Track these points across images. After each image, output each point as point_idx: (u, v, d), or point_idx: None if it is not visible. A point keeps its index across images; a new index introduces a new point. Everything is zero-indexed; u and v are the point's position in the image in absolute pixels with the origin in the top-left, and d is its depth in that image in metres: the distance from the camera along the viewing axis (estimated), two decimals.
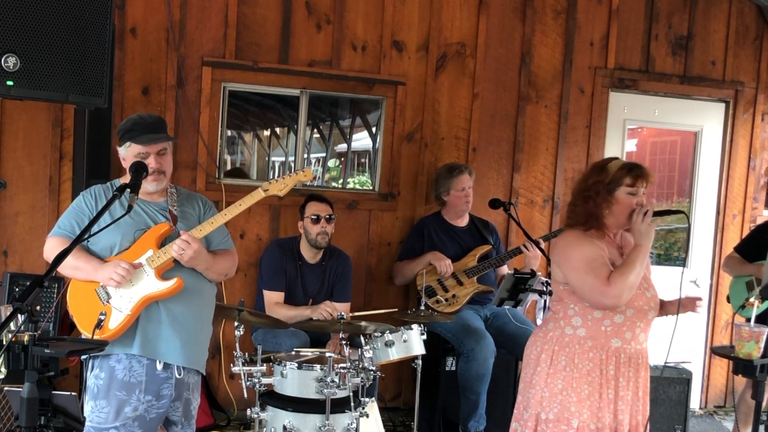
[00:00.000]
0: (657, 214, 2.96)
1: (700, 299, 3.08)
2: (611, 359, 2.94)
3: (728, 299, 4.72)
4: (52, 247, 3.00)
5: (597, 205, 2.96)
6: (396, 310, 4.33)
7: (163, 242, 3.00)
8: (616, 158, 3.10)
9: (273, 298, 4.40)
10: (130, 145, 3.01)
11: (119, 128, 3.07)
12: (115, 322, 2.93)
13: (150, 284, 2.96)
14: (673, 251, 6.13)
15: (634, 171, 2.95)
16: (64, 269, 2.95)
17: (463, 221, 4.94)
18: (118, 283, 2.89)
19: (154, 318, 2.97)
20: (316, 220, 4.42)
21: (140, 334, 2.95)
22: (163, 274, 2.98)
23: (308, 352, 3.90)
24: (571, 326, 2.99)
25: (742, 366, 2.94)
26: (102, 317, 2.88)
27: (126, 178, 3.00)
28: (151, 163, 2.99)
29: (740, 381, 4.67)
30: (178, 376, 3.00)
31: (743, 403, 4.65)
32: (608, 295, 2.85)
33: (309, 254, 4.50)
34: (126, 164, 3.03)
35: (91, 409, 2.94)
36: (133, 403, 2.91)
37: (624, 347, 2.96)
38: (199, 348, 3.12)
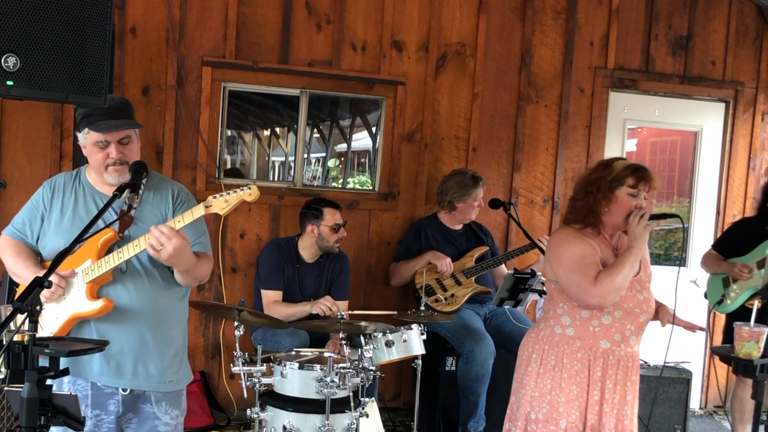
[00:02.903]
0: (653, 217, 2.93)
1: (702, 328, 3.08)
2: (599, 360, 2.92)
3: (705, 295, 4.74)
4: (1, 247, 2.78)
5: (597, 201, 2.94)
6: (395, 313, 4.32)
7: (108, 251, 2.63)
8: (624, 159, 3.10)
9: (271, 296, 4.40)
10: (88, 131, 2.66)
11: (78, 111, 2.72)
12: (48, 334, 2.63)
13: (78, 302, 2.62)
14: (672, 251, 6.13)
15: (637, 172, 2.92)
16: (9, 272, 2.75)
17: (459, 224, 4.94)
18: (48, 298, 2.60)
19: (84, 338, 2.64)
20: (337, 229, 4.43)
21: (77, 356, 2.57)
22: (101, 291, 2.63)
23: (308, 352, 3.90)
24: (560, 325, 2.98)
25: (742, 366, 2.94)
26: None
27: (91, 168, 2.75)
28: (111, 152, 2.64)
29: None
30: (123, 392, 2.69)
31: (736, 400, 4.66)
32: (593, 295, 2.83)
33: (308, 254, 4.50)
34: (86, 153, 2.70)
35: None
36: None
37: (613, 349, 2.93)
38: (149, 369, 2.71)
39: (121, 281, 2.65)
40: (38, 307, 1.96)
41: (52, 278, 2.54)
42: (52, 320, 2.64)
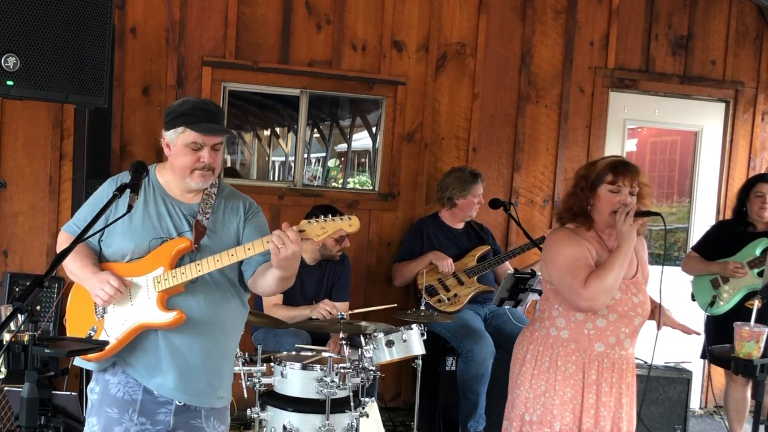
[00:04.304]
0: (638, 215, 2.90)
1: (698, 333, 3.10)
2: (593, 363, 2.91)
3: (692, 297, 4.72)
4: (60, 243, 2.71)
5: (579, 200, 2.95)
6: (395, 305, 4.32)
7: (180, 261, 2.56)
8: (615, 156, 3.10)
9: (272, 299, 4.39)
10: (184, 130, 2.55)
11: (172, 109, 2.61)
12: (110, 338, 2.55)
13: (148, 310, 2.55)
14: (672, 251, 6.13)
15: (616, 168, 2.91)
16: (66, 270, 2.66)
17: (461, 224, 4.94)
18: (105, 302, 2.53)
19: (150, 346, 2.58)
20: (341, 241, 4.41)
21: (136, 357, 2.59)
22: (171, 301, 2.56)
23: (308, 351, 3.90)
24: (555, 327, 2.98)
25: (742, 366, 2.94)
26: (92, 333, 2.57)
27: (163, 165, 2.66)
28: (204, 156, 2.56)
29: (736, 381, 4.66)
30: (178, 403, 2.60)
31: (730, 400, 4.66)
32: (583, 298, 2.81)
33: (309, 258, 4.49)
34: (170, 152, 2.60)
35: (87, 427, 2.64)
36: (125, 424, 2.57)
37: (607, 352, 2.92)
38: (210, 383, 2.65)
39: (192, 292, 2.58)
40: (38, 307, 1.96)
41: (113, 281, 2.49)
42: (117, 325, 2.57)
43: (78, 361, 2.69)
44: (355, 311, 4.41)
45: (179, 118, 2.56)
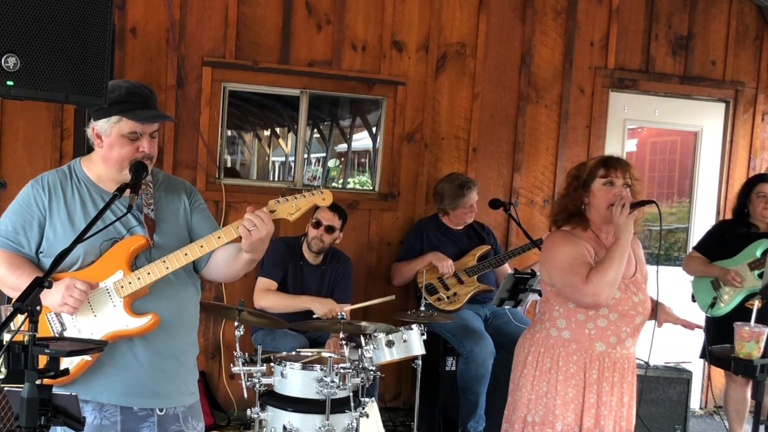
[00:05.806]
0: (634, 206, 2.90)
1: (700, 327, 3.11)
2: (594, 363, 2.92)
3: (693, 298, 4.71)
4: None
5: (573, 200, 2.97)
6: (393, 297, 4.32)
7: (135, 260, 2.39)
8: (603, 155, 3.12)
9: (265, 284, 4.37)
10: (120, 119, 2.37)
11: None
12: (69, 362, 2.30)
13: (117, 318, 2.35)
14: (672, 251, 6.13)
15: (606, 162, 2.95)
16: (5, 289, 2.39)
17: (459, 225, 4.94)
18: (74, 309, 2.29)
19: (122, 359, 2.40)
20: (316, 225, 4.41)
21: (107, 378, 2.38)
22: (135, 305, 2.37)
23: (308, 353, 3.90)
24: (556, 328, 2.98)
25: (742, 366, 2.94)
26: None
27: (89, 159, 2.47)
28: (143, 146, 2.38)
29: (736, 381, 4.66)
30: (159, 412, 2.45)
31: (730, 401, 4.65)
32: (586, 293, 2.83)
33: (310, 255, 4.50)
34: (103, 143, 2.40)
35: None
36: None
37: (608, 351, 2.93)
38: (183, 381, 2.54)
39: (157, 291, 2.41)
40: (38, 307, 1.95)
41: (79, 284, 2.29)
42: None
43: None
44: (355, 306, 4.41)
45: (112, 107, 2.39)
